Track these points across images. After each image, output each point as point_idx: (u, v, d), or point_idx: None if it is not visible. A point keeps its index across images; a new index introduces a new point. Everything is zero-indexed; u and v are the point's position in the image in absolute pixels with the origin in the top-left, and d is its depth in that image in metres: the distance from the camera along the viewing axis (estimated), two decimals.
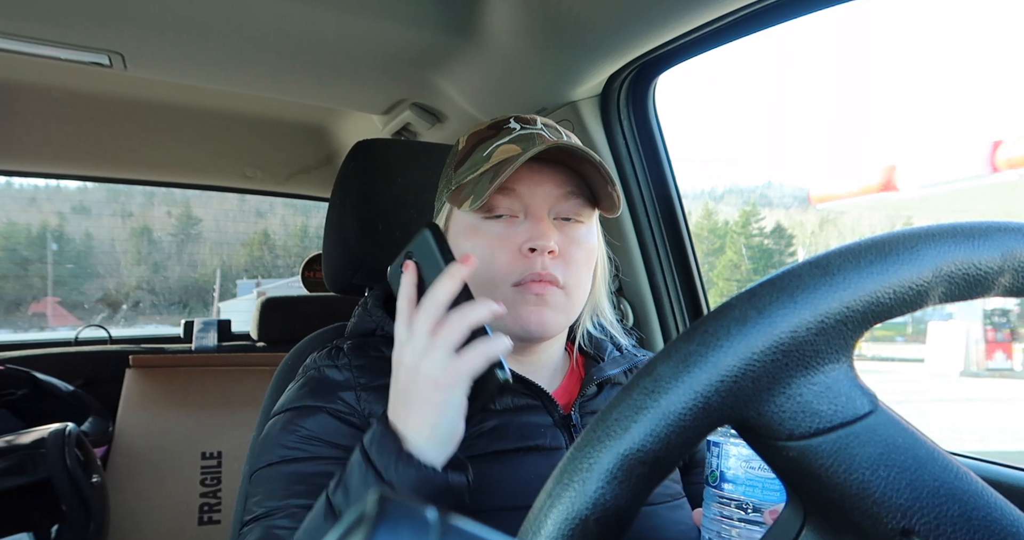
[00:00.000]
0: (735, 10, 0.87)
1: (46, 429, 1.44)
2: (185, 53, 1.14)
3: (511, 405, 0.71)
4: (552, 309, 0.69)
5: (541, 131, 0.72)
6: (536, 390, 0.71)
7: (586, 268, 0.72)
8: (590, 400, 0.75)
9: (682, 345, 0.28)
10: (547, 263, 0.67)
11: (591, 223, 0.73)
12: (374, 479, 0.53)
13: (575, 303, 0.71)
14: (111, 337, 2.31)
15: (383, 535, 0.19)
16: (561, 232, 0.70)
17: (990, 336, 9.19)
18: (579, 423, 0.72)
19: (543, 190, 0.69)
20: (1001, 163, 6.16)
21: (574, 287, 0.70)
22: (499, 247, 0.69)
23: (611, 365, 0.77)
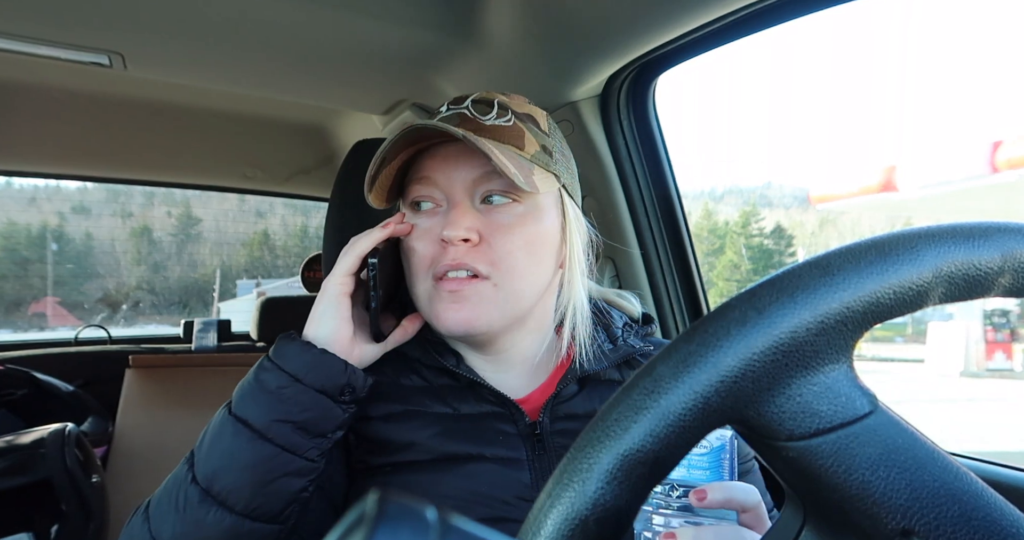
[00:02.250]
0: (735, 10, 0.87)
1: (46, 429, 1.44)
2: (185, 53, 1.14)
3: (474, 412, 0.68)
4: (475, 304, 0.64)
5: (465, 111, 0.66)
6: (500, 398, 0.68)
7: (524, 254, 0.65)
8: (566, 401, 0.70)
9: (682, 345, 0.28)
10: (460, 254, 0.63)
11: (531, 203, 0.66)
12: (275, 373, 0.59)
13: (511, 295, 0.65)
14: (111, 337, 2.31)
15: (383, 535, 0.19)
16: (487, 217, 0.65)
17: (990, 336, 9.19)
18: (548, 429, 0.68)
19: (459, 174, 0.65)
20: (1001, 163, 6.16)
21: (507, 277, 0.64)
22: (420, 240, 0.66)
23: (598, 360, 0.71)
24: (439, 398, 0.68)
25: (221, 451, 0.59)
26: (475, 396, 0.68)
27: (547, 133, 0.69)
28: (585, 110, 1.18)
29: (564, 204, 0.69)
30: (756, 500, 0.50)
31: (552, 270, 0.69)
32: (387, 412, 0.68)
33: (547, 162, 0.66)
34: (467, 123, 0.65)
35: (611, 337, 0.74)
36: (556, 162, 0.68)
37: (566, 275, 0.71)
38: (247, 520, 0.58)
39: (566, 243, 0.70)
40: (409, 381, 0.70)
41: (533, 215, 0.66)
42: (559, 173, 0.68)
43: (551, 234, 0.68)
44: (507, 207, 0.65)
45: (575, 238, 0.70)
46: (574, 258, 0.70)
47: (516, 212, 0.65)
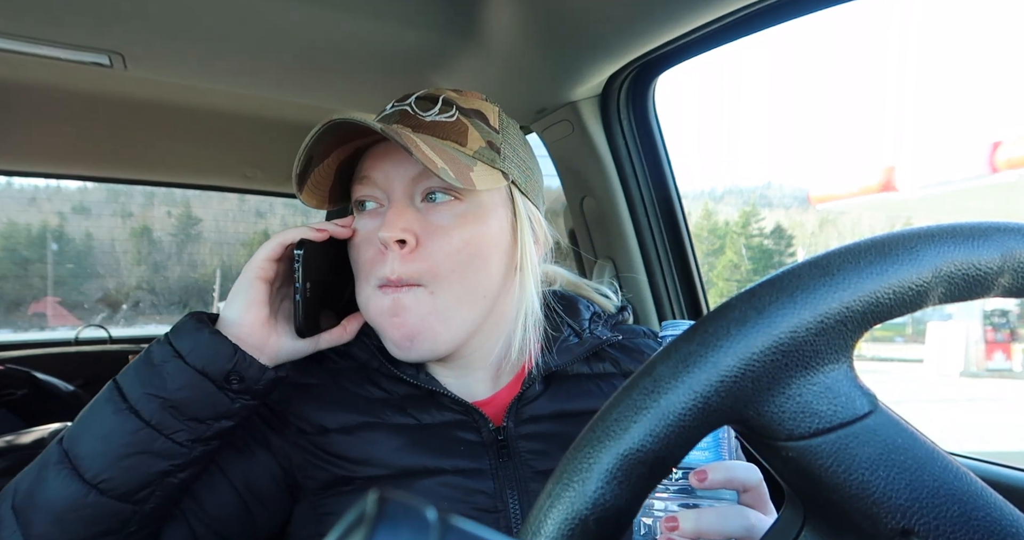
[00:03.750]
0: (735, 10, 0.87)
1: (46, 429, 1.44)
2: (185, 53, 1.13)
3: (436, 421, 0.65)
4: (413, 315, 0.61)
5: (406, 107, 0.64)
6: (462, 405, 0.65)
7: (463, 257, 0.61)
8: (531, 402, 0.67)
9: (682, 345, 0.28)
10: (395, 261, 0.60)
11: (474, 202, 0.63)
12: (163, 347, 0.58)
13: (451, 303, 0.61)
14: (111, 337, 2.31)
15: (383, 535, 0.19)
16: (425, 217, 0.62)
17: (990, 336, 9.19)
18: (513, 434, 0.65)
19: (396, 171, 0.62)
20: (1001, 163, 6.17)
21: (443, 284, 0.61)
22: (362, 244, 0.64)
23: (562, 355, 0.68)
24: (400, 409, 0.66)
25: (90, 415, 0.57)
26: (437, 404, 0.66)
27: (496, 129, 0.66)
28: (585, 110, 1.18)
29: (515, 203, 0.66)
30: (758, 478, 0.49)
31: (502, 273, 0.65)
32: (345, 424, 0.65)
33: (492, 159, 0.64)
34: (407, 120, 0.63)
35: (577, 330, 0.71)
36: (505, 159, 0.65)
37: (517, 280, 0.67)
38: (93, 491, 0.54)
39: (518, 244, 0.66)
40: (368, 392, 0.67)
41: (475, 215, 0.63)
42: (507, 170, 0.65)
43: (497, 235, 0.64)
44: (447, 206, 0.62)
45: (527, 239, 0.67)
46: (526, 260, 0.67)
47: (456, 211, 0.62)
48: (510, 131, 0.69)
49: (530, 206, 0.68)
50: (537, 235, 0.69)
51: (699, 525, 0.45)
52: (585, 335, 0.71)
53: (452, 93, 0.67)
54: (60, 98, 1.41)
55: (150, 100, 1.47)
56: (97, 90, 1.37)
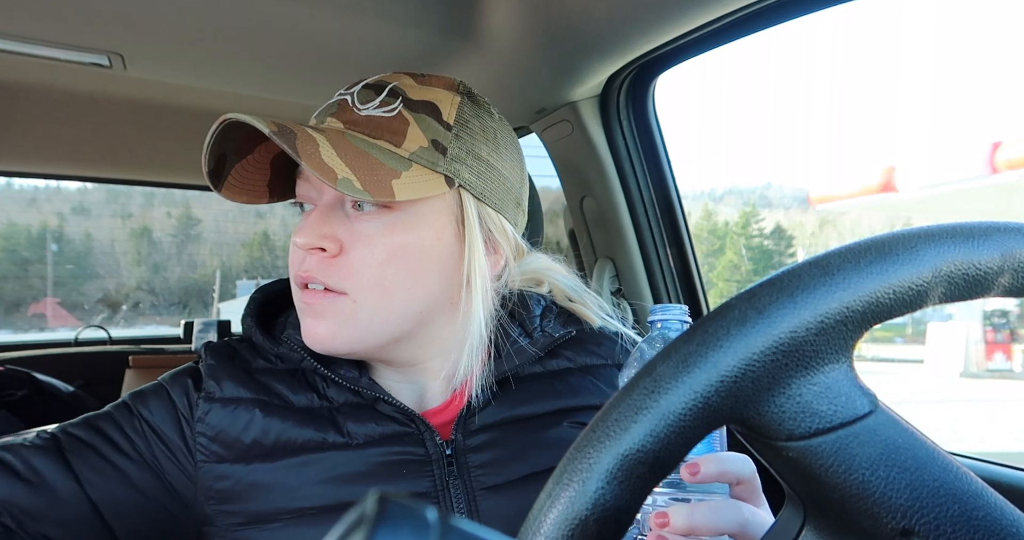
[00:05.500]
0: (735, 10, 0.87)
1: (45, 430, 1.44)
2: (185, 53, 1.14)
3: (375, 435, 0.59)
4: (332, 321, 0.56)
5: (347, 97, 0.59)
6: (408, 414, 0.60)
7: (388, 269, 0.56)
8: (480, 412, 0.62)
9: (682, 345, 0.28)
10: (313, 265, 0.56)
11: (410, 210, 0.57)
12: None
13: (375, 315, 0.57)
14: (111, 338, 2.31)
15: (383, 535, 0.19)
16: (351, 224, 0.57)
17: (990, 337, 9.19)
18: (462, 447, 0.60)
19: None
20: (1000, 164, 6.17)
21: (366, 293, 0.56)
22: (291, 245, 0.59)
23: (512, 359, 0.63)
24: (332, 424, 0.59)
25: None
26: (378, 416, 0.60)
27: (449, 125, 0.58)
28: (585, 110, 1.18)
29: (464, 210, 0.59)
30: (751, 470, 0.46)
31: (442, 288, 0.59)
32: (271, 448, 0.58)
33: (434, 161, 0.57)
34: (343, 112, 0.58)
35: (528, 329, 0.66)
36: (454, 160, 0.58)
37: (463, 294, 0.61)
38: None
39: (464, 257, 0.60)
40: (302, 401, 0.61)
41: (408, 224, 0.57)
42: (453, 173, 0.57)
43: (434, 246, 0.58)
44: (375, 214, 0.56)
45: (476, 251, 0.60)
46: (474, 274, 0.60)
47: (385, 220, 0.56)
48: (471, 126, 0.60)
49: (488, 213, 0.61)
50: (496, 245, 0.63)
51: (691, 521, 0.42)
52: (536, 334, 0.66)
53: (409, 80, 0.60)
54: (60, 98, 1.41)
55: (150, 100, 1.47)
56: (97, 90, 1.37)
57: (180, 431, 0.59)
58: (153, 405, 0.60)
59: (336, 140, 0.54)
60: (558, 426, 0.63)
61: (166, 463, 0.59)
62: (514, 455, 0.61)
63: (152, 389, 0.62)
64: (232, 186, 0.60)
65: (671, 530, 0.42)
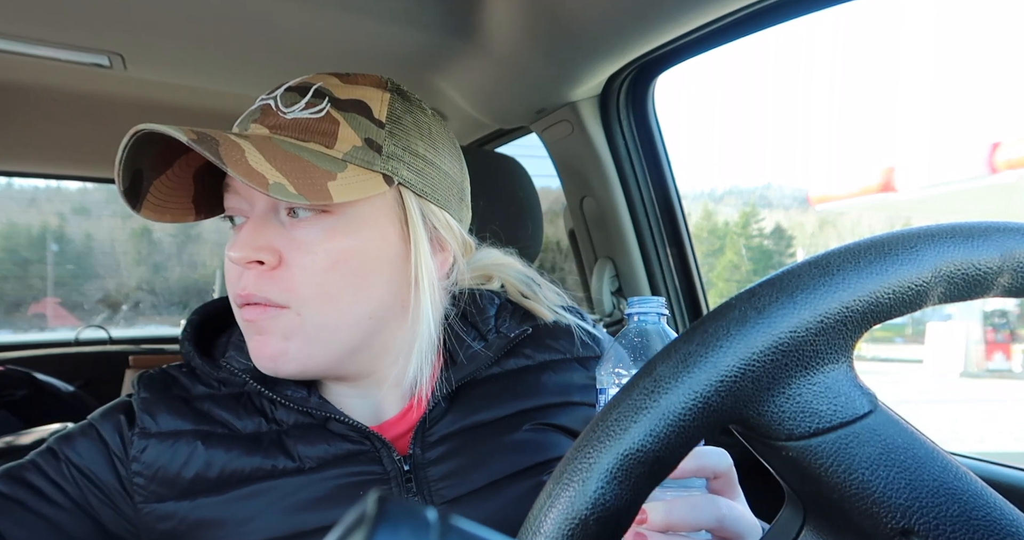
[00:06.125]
0: (735, 10, 0.87)
1: (46, 430, 1.44)
2: (185, 54, 1.14)
3: (327, 457, 0.56)
4: (275, 338, 0.54)
5: (271, 102, 0.56)
6: (361, 432, 0.57)
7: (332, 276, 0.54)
8: (437, 423, 0.60)
9: (682, 345, 0.28)
10: (251, 281, 0.53)
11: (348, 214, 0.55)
12: None
13: (322, 326, 0.54)
14: (111, 338, 2.31)
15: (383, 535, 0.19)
16: (288, 233, 0.54)
17: (989, 337, 9.18)
18: (420, 460, 0.58)
19: None
20: (1000, 164, 6.17)
21: (310, 306, 0.53)
22: (228, 261, 0.55)
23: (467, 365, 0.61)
24: (280, 448, 0.56)
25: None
26: (329, 436, 0.57)
27: (382, 122, 0.56)
28: (585, 110, 1.18)
29: (407, 209, 0.57)
30: (728, 464, 0.45)
31: (391, 289, 0.57)
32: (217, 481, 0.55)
33: (369, 160, 0.54)
34: (267, 117, 0.55)
35: (482, 332, 0.64)
36: (391, 158, 0.55)
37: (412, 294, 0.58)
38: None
39: (411, 256, 0.58)
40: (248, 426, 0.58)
41: (348, 227, 0.54)
42: (391, 172, 0.55)
43: (378, 248, 0.56)
44: (313, 220, 0.54)
45: (422, 250, 0.58)
46: (421, 273, 0.58)
47: (323, 225, 0.54)
48: (404, 122, 0.58)
49: (431, 209, 0.59)
50: (443, 243, 0.61)
51: (669, 518, 0.41)
52: (491, 336, 0.64)
53: (334, 80, 0.58)
54: (60, 98, 1.41)
55: (150, 100, 1.47)
56: (97, 90, 1.37)
57: (114, 472, 0.56)
58: (81, 447, 0.56)
59: (263, 145, 0.51)
60: (518, 430, 0.61)
61: (101, 508, 0.55)
62: (474, 463, 0.59)
63: (80, 430, 0.58)
64: (153, 205, 0.56)
65: (649, 527, 0.42)
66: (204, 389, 0.60)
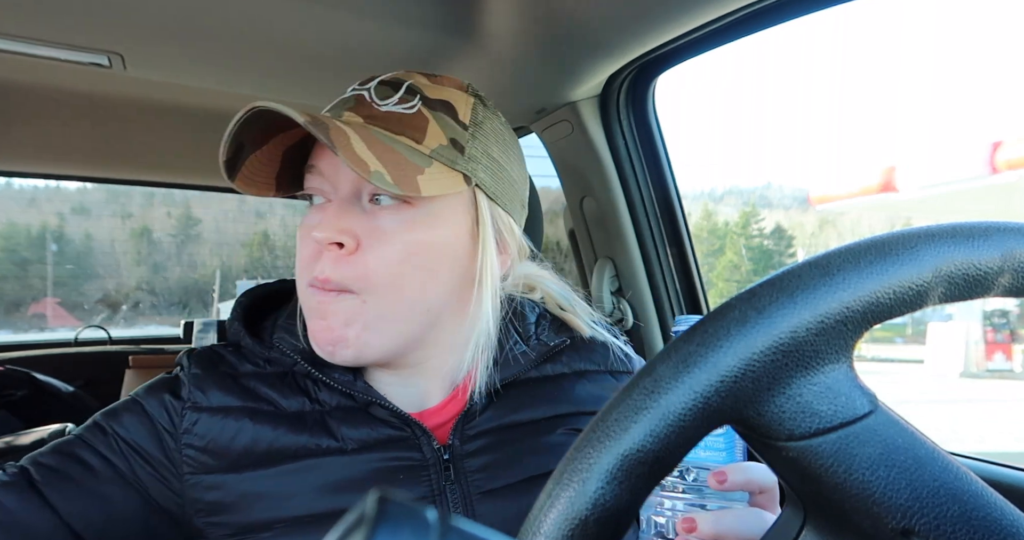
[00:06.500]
0: (735, 10, 0.87)
1: (46, 430, 1.44)
2: (185, 54, 1.14)
3: (368, 440, 0.58)
4: (339, 323, 0.55)
5: (364, 93, 0.58)
6: (403, 419, 0.59)
7: (405, 267, 0.55)
8: (476, 417, 0.61)
9: (682, 345, 0.28)
10: (328, 267, 0.54)
11: (427, 207, 0.56)
12: None
13: (385, 315, 0.56)
14: (111, 338, 2.31)
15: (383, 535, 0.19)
16: (369, 219, 0.56)
17: (990, 337, 9.19)
18: (459, 452, 0.59)
19: (343, 166, 0.56)
20: (1000, 164, 6.17)
21: (379, 293, 0.55)
22: (301, 237, 0.58)
23: (510, 366, 0.64)
24: (324, 429, 0.58)
25: None
26: (371, 420, 0.59)
27: (465, 124, 0.59)
28: (585, 110, 1.18)
29: (479, 209, 0.59)
30: (773, 480, 0.47)
31: (454, 286, 0.59)
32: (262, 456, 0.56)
33: (453, 159, 0.56)
34: (361, 108, 0.57)
35: (523, 336, 0.66)
36: (471, 159, 0.58)
37: (475, 295, 0.60)
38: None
39: (478, 255, 0.60)
40: (293, 405, 0.59)
41: (425, 221, 0.56)
42: (470, 172, 0.57)
43: (450, 244, 0.58)
44: (393, 210, 0.56)
45: (489, 250, 0.60)
46: (486, 273, 0.60)
47: (403, 216, 0.56)
48: (484, 127, 0.61)
49: (499, 213, 0.61)
50: (506, 245, 0.63)
51: (718, 527, 0.44)
52: (532, 342, 0.66)
53: (423, 79, 0.60)
54: (60, 98, 1.41)
55: (150, 100, 1.47)
56: (97, 90, 1.37)
57: (161, 445, 0.57)
58: (128, 422, 0.58)
59: (363, 134, 0.53)
60: (553, 433, 0.63)
61: (149, 480, 0.56)
62: (510, 460, 0.61)
63: (125, 405, 0.60)
64: (244, 177, 0.58)
65: (699, 535, 0.44)
66: (251, 367, 0.62)
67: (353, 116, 0.57)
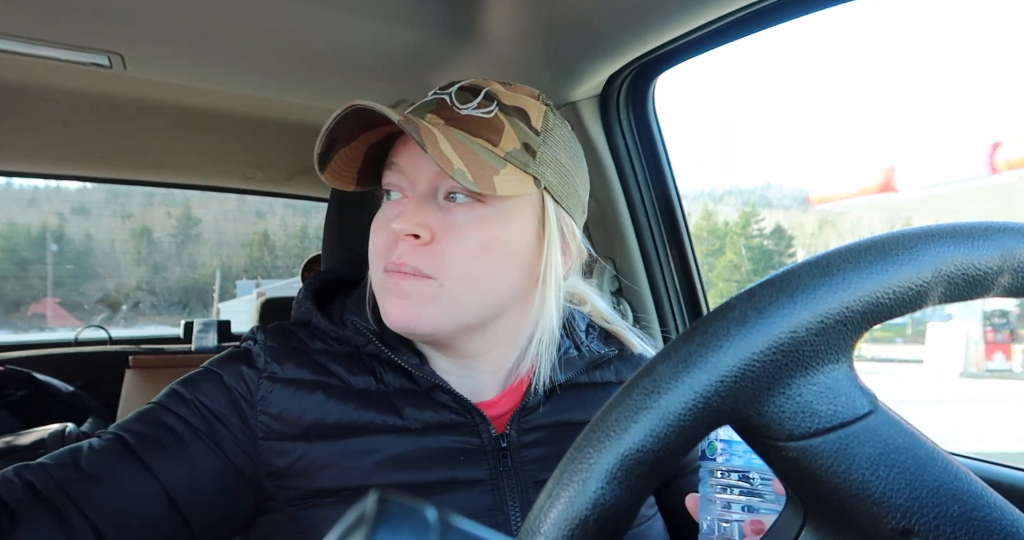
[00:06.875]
0: (735, 10, 0.87)
1: (46, 430, 1.44)
2: (185, 54, 1.14)
3: (431, 422, 0.62)
4: (416, 302, 0.59)
5: (445, 97, 0.62)
6: (464, 404, 0.62)
7: (477, 260, 0.59)
8: (532, 412, 0.65)
9: (682, 345, 0.28)
10: (407, 252, 0.58)
11: (498, 206, 0.60)
12: None
13: (458, 299, 0.60)
14: (111, 338, 2.31)
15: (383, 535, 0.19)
16: (444, 215, 0.59)
17: (990, 337, 9.18)
18: (515, 442, 0.63)
19: (423, 164, 0.59)
20: (1000, 164, 6.17)
21: (453, 280, 0.59)
22: (377, 227, 0.62)
23: (565, 367, 0.67)
24: (390, 407, 0.62)
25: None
26: (434, 404, 0.63)
27: (537, 130, 0.62)
28: (585, 110, 1.18)
29: (546, 211, 0.63)
30: None
31: (520, 282, 0.63)
32: (331, 427, 0.60)
33: (525, 162, 0.60)
34: (443, 110, 0.61)
35: (576, 343, 0.71)
36: (541, 164, 0.61)
37: (539, 291, 0.64)
38: None
39: (542, 255, 0.63)
40: (359, 383, 0.63)
41: (497, 219, 0.60)
42: (540, 175, 0.61)
43: (518, 241, 0.61)
44: (467, 207, 0.59)
45: (554, 250, 0.63)
46: (550, 272, 0.63)
47: (477, 213, 0.59)
48: (554, 134, 0.64)
49: (563, 216, 0.65)
50: (568, 247, 0.66)
51: None
52: (584, 349, 0.70)
53: (499, 86, 0.63)
54: (60, 98, 1.41)
55: (150, 100, 1.47)
56: (97, 90, 1.37)
57: (238, 411, 0.60)
58: (207, 389, 0.61)
59: (447, 134, 0.57)
60: None
61: (227, 444, 0.59)
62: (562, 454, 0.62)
63: (201, 375, 0.63)
64: (332, 170, 0.62)
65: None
66: (320, 344, 0.65)
67: (435, 118, 0.60)
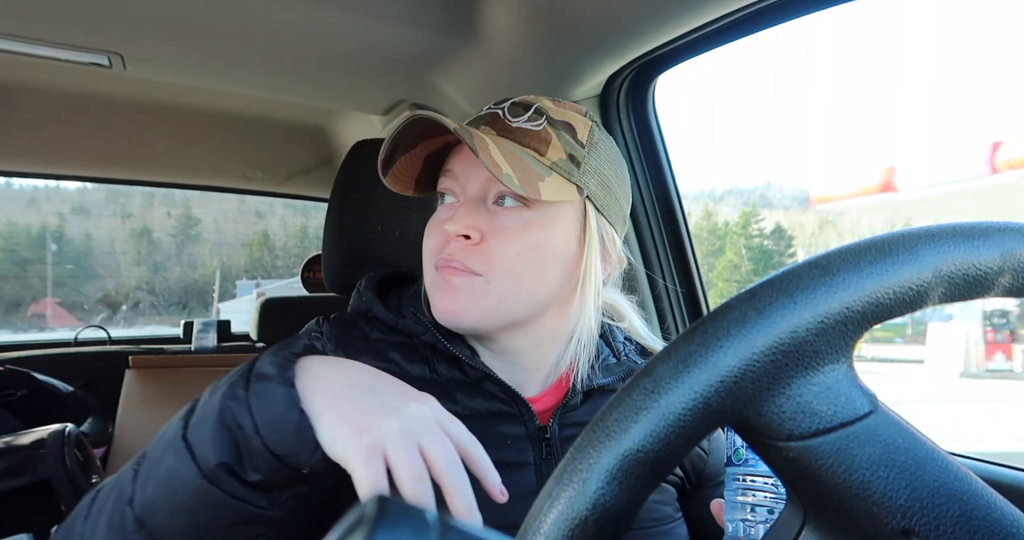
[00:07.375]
0: (735, 10, 0.87)
1: (46, 430, 1.44)
2: (185, 53, 1.14)
3: (481, 410, 0.67)
4: (465, 297, 0.64)
5: (499, 111, 0.68)
6: (512, 395, 0.67)
7: (523, 260, 0.64)
8: (573, 410, 0.70)
9: (682, 345, 0.28)
10: (458, 250, 0.64)
11: (543, 211, 0.65)
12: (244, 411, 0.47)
13: (504, 296, 0.64)
14: (111, 338, 2.31)
15: (383, 535, 0.19)
16: (493, 218, 0.64)
17: (990, 337, 9.19)
18: (557, 435, 0.68)
19: (474, 171, 0.65)
20: (1000, 164, 6.17)
21: (500, 278, 0.64)
22: (431, 229, 0.68)
23: (604, 372, 0.72)
24: (444, 393, 0.66)
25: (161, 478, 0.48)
26: (484, 393, 0.67)
27: (583, 143, 0.67)
28: None
29: (587, 218, 0.68)
30: None
31: (560, 283, 0.67)
32: None
33: (570, 171, 0.65)
34: (495, 123, 0.67)
35: (614, 352, 0.75)
36: (585, 173, 0.66)
37: (578, 294, 0.69)
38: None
39: (583, 259, 0.68)
40: (414, 370, 0.67)
41: (542, 223, 0.65)
42: (583, 184, 0.66)
43: (561, 245, 0.66)
44: (515, 211, 0.64)
45: (593, 255, 0.68)
46: (589, 276, 0.68)
47: (523, 217, 0.64)
48: (599, 147, 0.69)
49: (604, 224, 0.69)
50: (608, 254, 0.70)
51: None
52: (622, 357, 0.75)
53: (548, 102, 0.68)
54: (60, 98, 1.41)
55: (150, 100, 1.47)
56: (97, 90, 1.37)
57: None
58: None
59: (498, 143, 0.62)
60: None
61: None
62: None
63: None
64: (393, 175, 0.67)
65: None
66: (379, 334, 0.70)
67: (489, 129, 0.66)
